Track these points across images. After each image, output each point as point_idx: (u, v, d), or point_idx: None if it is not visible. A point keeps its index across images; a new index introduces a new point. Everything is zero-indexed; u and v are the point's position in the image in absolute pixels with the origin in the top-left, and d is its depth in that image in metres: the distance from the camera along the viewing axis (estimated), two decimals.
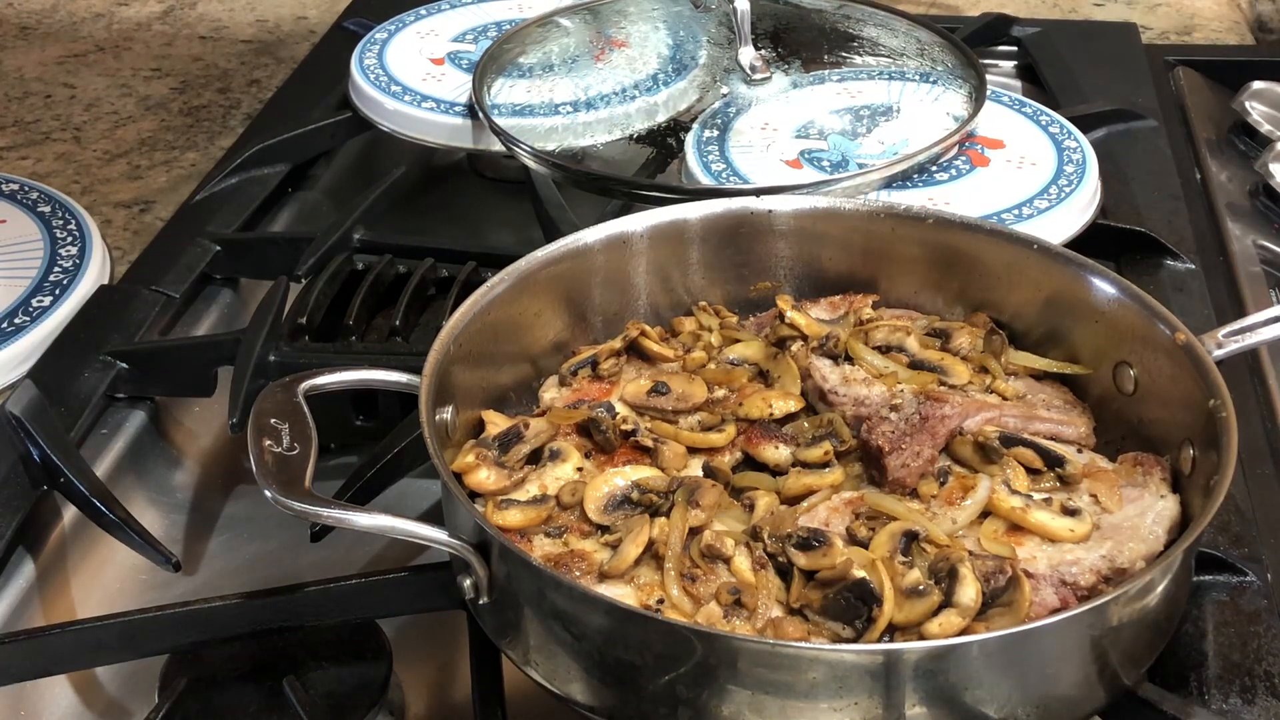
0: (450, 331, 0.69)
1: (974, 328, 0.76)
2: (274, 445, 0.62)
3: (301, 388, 0.66)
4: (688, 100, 1.05)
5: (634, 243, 0.78)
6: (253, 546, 0.80)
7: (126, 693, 0.71)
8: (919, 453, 0.66)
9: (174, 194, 1.14)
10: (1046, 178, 0.96)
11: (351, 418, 0.84)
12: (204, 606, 0.68)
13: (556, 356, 0.76)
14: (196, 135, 1.24)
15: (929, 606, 0.58)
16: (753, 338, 0.77)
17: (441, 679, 0.71)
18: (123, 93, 1.32)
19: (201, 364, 0.87)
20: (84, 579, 0.78)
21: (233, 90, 1.33)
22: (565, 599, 0.57)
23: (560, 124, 1.02)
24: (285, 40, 1.43)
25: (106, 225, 1.08)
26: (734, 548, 0.62)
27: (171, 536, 0.80)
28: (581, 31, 1.11)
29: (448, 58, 1.13)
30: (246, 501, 0.83)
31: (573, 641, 0.57)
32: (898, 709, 0.54)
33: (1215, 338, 0.69)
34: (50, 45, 1.42)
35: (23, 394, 0.82)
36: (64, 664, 0.69)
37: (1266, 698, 0.64)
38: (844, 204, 0.80)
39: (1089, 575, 0.61)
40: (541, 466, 0.67)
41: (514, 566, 0.59)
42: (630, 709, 0.58)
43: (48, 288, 0.94)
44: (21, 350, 0.88)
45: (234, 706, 0.66)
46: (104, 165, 1.19)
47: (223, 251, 0.98)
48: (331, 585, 0.68)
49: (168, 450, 0.87)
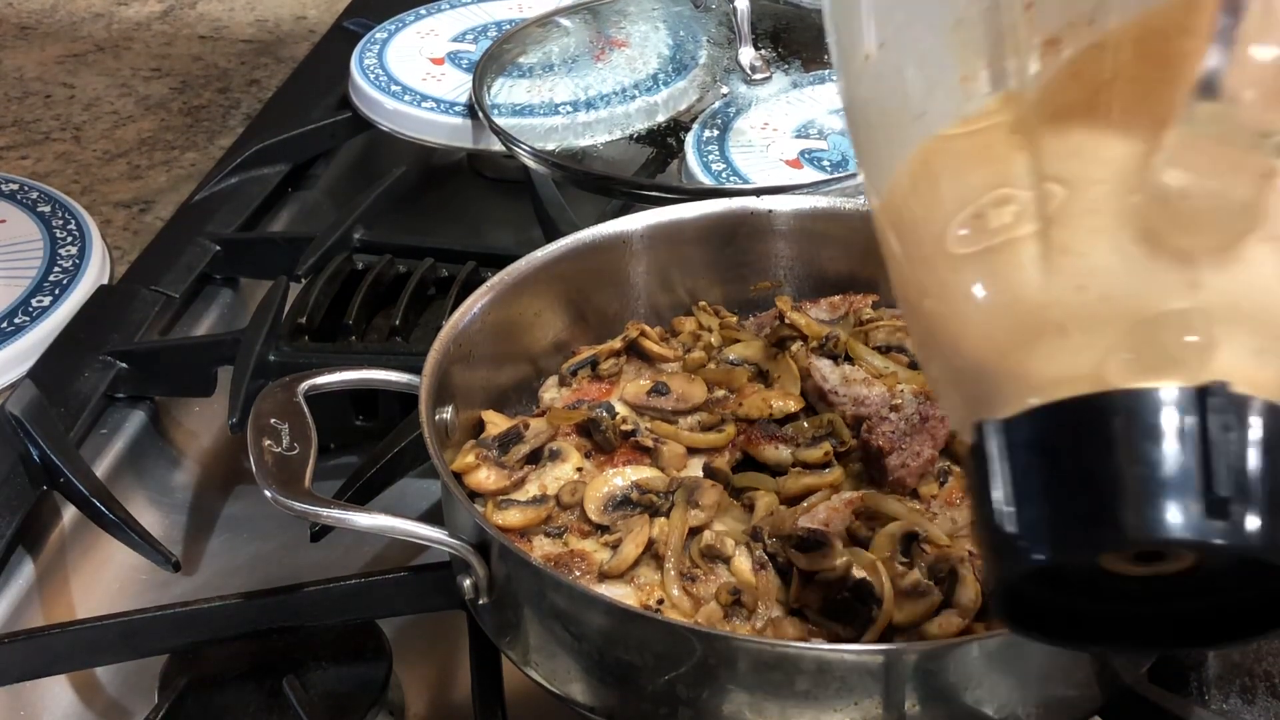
0: (450, 331, 0.69)
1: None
2: (274, 445, 0.62)
3: (301, 388, 0.66)
4: (688, 100, 1.05)
5: (634, 243, 0.78)
6: (252, 546, 0.80)
7: (126, 693, 0.71)
8: (919, 453, 0.66)
9: (174, 194, 1.14)
10: None
11: (351, 418, 0.84)
12: (204, 607, 0.68)
13: (556, 356, 0.76)
14: (196, 135, 1.24)
15: (929, 607, 0.58)
16: (753, 338, 0.77)
17: (441, 679, 0.71)
18: (122, 92, 1.32)
19: (201, 364, 0.87)
20: (83, 579, 0.78)
21: (232, 90, 1.33)
22: (565, 599, 0.57)
23: (560, 124, 1.02)
24: (285, 40, 1.43)
25: (106, 225, 1.08)
26: (734, 548, 0.62)
27: (171, 536, 0.80)
28: (581, 31, 1.11)
29: (448, 58, 1.13)
30: (246, 501, 0.83)
31: (573, 641, 0.57)
32: (898, 709, 0.54)
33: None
34: (50, 45, 1.42)
35: (22, 394, 0.82)
36: (63, 664, 0.69)
37: (1267, 698, 0.64)
38: (844, 204, 0.80)
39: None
40: (541, 467, 0.67)
41: (514, 566, 0.59)
42: (630, 709, 0.58)
43: (47, 287, 0.94)
44: (21, 350, 0.88)
45: (234, 706, 0.66)
46: (104, 165, 1.19)
47: (222, 251, 0.98)
48: (331, 585, 0.68)
49: (167, 450, 0.87)
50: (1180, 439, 0.37)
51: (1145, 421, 0.38)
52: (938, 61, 0.43)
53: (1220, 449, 0.37)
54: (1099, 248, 0.39)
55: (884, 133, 0.45)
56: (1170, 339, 0.38)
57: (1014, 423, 0.39)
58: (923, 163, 0.43)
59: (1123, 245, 0.39)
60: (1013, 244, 0.40)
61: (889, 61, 0.44)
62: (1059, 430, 0.39)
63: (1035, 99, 0.41)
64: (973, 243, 0.41)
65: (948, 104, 0.43)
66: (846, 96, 0.48)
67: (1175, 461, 0.37)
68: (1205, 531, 0.37)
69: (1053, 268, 0.39)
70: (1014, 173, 0.41)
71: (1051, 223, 0.40)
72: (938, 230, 0.42)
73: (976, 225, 0.41)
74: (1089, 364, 0.39)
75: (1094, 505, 0.38)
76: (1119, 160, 0.40)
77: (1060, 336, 0.39)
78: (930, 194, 0.43)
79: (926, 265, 0.43)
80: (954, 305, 0.42)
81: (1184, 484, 0.37)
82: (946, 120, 0.42)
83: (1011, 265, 0.40)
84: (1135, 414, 0.38)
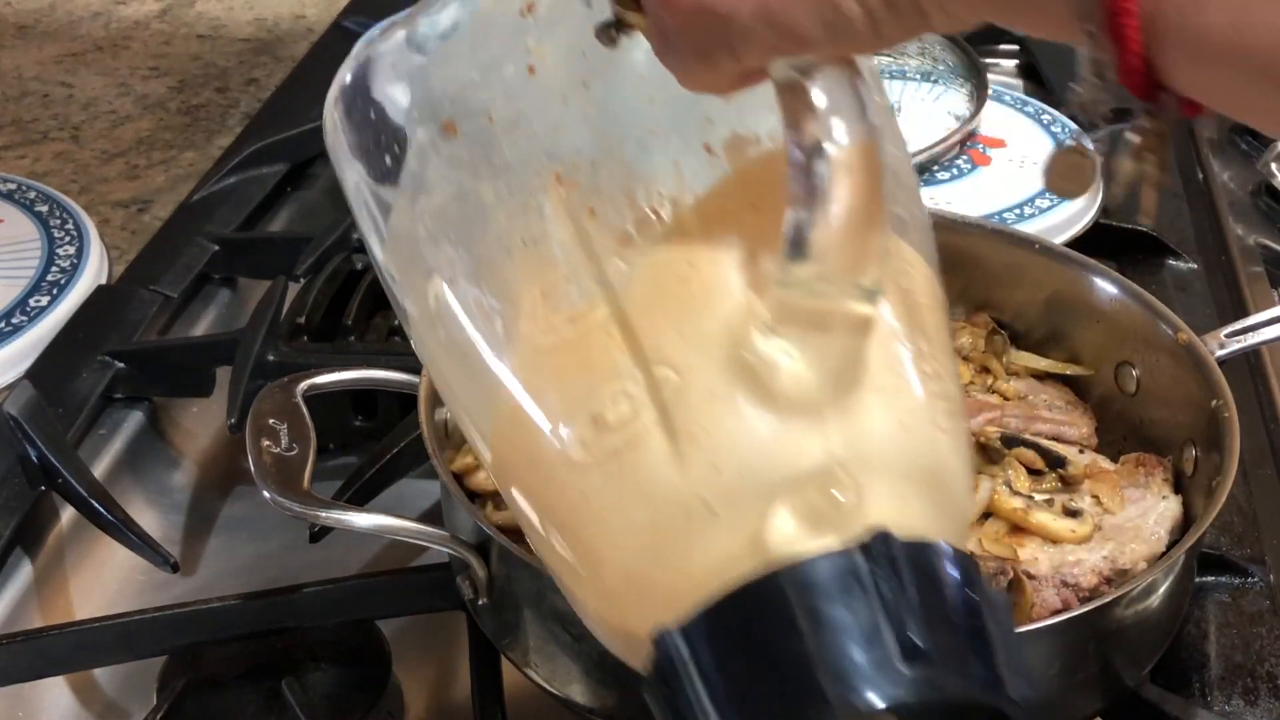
0: None
1: (975, 328, 0.76)
2: (273, 445, 0.61)
3: (300, 388, 0.66)
4: None
5: None
6: (251, 547, 0.79)
7: (125, 694, 0.71)
8: None
9: (172, 193, 1.14)
10: None
11: (351, 418, 0.83)
12: (202, 608, 0.67)
13: None
14: (195, 134, 1.24)
15: None
16: None
17: (441, 680, 0.71)
18: (120, 92, 1.32)
19: (200, 364, 0.87)
20: (82, 580, 0.77)
21: (231, 89, 1.33)
22: (565, 600, 0.57)
23: None
24: (284, 39, 1.43)
25: (104, 225, 1.08)
26: None
27: (170, 537, 0.80)
28: None
29: None
30: (245, 502, 0.83)
31: (572, 643, 0.57)
32: None
33: (1217, 338, 0.69)
34: (48, 44, 1.42)
35: (20, 394, 0.81)
36: (62, 665, 0.69)
37: (1269, 699, 0.64)
38: None
39: (1091, 576, 0.61)
40: None
41: (514, 567, 0.58)
42: (630, 710, 0.57)
43: (45, 287, 0.94)
44: (19, 350, 0.88)
45: (233, 707, 0.66)
46: (102, 165, 1.19)
47: (221, 251, 0.98)
48: (330, 586, 0.68)
49: (166, 451, 0.87)
50: (862, 599, 0.36)
51: (822, 590, 0.36)
52: (509, 287, 0.43)
53: (902, 602, 0.36)
54: (723, 423, 0.38)
55: (474, 371, 0.44)
56: (818, 497, 0.37)
57: (692, 625, 0.37)
58: (524, 383, 0.42)
59: (746, 416, 0.38)
60: (637, 438, 0.39)
61: (460, 297, 0.44)
62: (741, 617, 0.36)
63: (622, 293, 0.41)
64: (596, 446, 0.39)
65: (532, 322, 0.42)
66: (424, 353, 0.47)
67: (860, 626, 0.35)
68: (911, 692, 0.35)
69: (683, 454, 0.38)
70: (619, 366, 0.40)
71: (670, 409, 0.39)
72: (556, 443, 0.40)
73: (595, 426, 0.39)
74: (746, 539, 0.37)
75: (798, 693, 0.35)
76: (721, 333, 0.39)
77: (710, 521, 0.38)
78: (540, 410, 0.41)
79: (552, 488, 0.41)
80: (590, 518, 0.40)
81: (875, 646, 0.35)
82: (536, 337, 0.42)
83: (642, 460, 0.39)
84: (809, 584, 0.36)
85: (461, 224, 0.45)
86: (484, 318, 0.43)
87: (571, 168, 0.43)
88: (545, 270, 0.42)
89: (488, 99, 0.45)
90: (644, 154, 0.43)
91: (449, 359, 0.46)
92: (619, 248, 0.41)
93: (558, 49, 0.44)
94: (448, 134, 0.45)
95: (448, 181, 0.45)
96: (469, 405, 0.46)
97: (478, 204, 0.44)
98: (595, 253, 0.41)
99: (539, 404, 0.41)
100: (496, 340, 0.43)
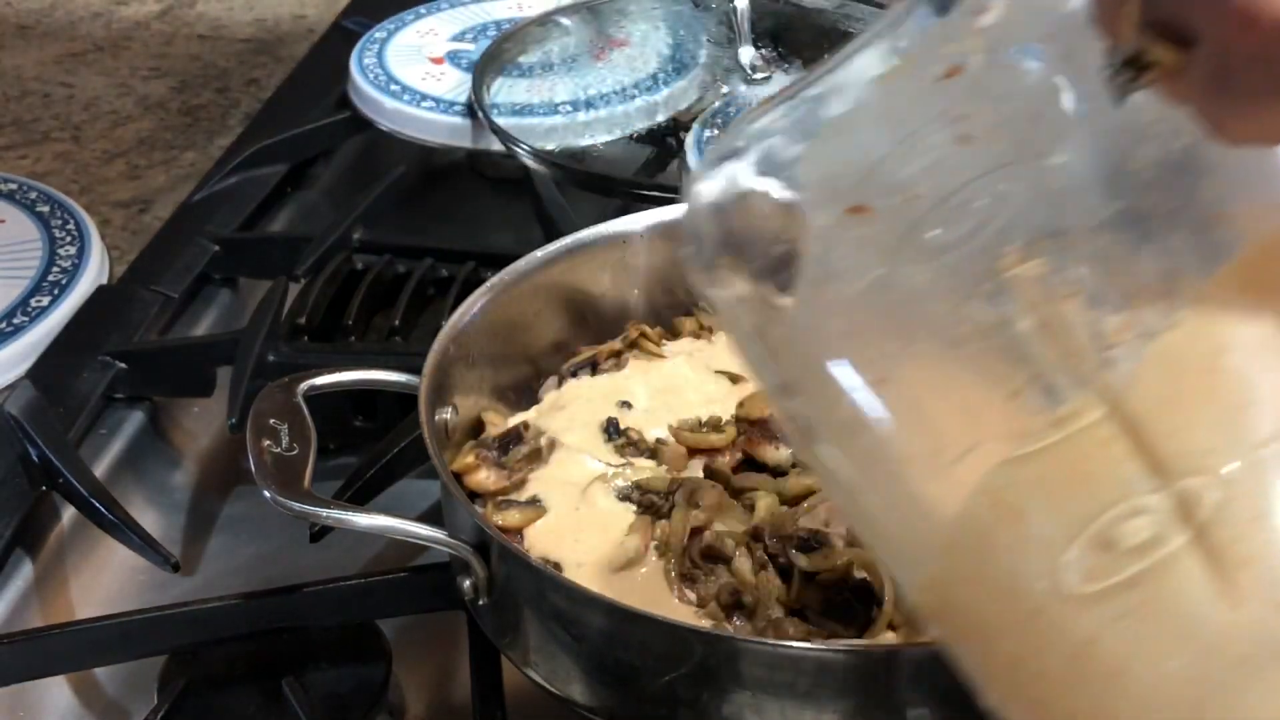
0: (450, 331, 0.69)
1: None
2: (273, 445, 0.61)
3: (300, 388, 0.66)
4: (688, 100, 1.05)
5: (634, 243, 0.77)
6: (252, 547, 0.79)
7: (125, 693, 0.71)
8: None
9: (173, 194, 1.14)
10: None
11: (351, 418, 0.83)
12: (203, 607, 0.68)
13: (556, 356, 0.76)
14: (195, 135, 1.24)
15: None
16: None
17: (441, 679, 0.71)
18: (121, 92, 1.32)
19: (200, 364, 0.87)
20: (83, 579, 0.77)
21: (231, 89, 1.33)
22: (565, 599, 0.57)
23: (560, 124, 1.02)
24: (284, 39, 1.43)
25: (105, 225, 1.08)
26: (735, 549, 0.62)
27: (170, 537, 0.80)
28: (581, 31, 1.11)
29: (447, 57, 1.13)
30: (246, 502, 0.83)
31: (572, 642, 0.57)
32: (898, 709, 0.54)
33: None
34: (48, 44, 1.42)
35: (21, 394, 0.82)
36: (62, 665, 0.69)
37: None
38: None
39: None
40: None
41: (513, 567, 0.59)
42: (630, 709, 0.57)
43: (46, 287, 0.94)
44: (20, 350, 0.88)
45: (233, 707, 0.66)
46: (102, 165, 1.19)
47: (221, 251, 0.98)
48: (331, 586, 0.68)
49: (167, 450, 0.87)
50: None
51: None
52: (956, 385, 0.37)
53: None
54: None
55: (907, 485, 0.38)
56: None
57: None
58: (991, 505, 0.35)
59: None
60: (1165, 566, 0.33)
61: (895, 404, 0.37)
62: None
63: (1122, 389, 0.34)
64: (1105, 574, 0.33)
65: (1000, 428, 0.36)
66: (828, 465, 0.39)
67: None
68: None
69: (1233, 585, 0.32)
70: (1128, 477, 0.33)
71: (1209, 529, 0.32)
72: (1041, 573, 0.34)
73: (1103, 551, 0.33)
74: None
75: None
76: (1273, 431, 0.33)
77: (1273, 668, 0.32)
78: (1015, 536, 0.35)
79: (1032, 622, 0.35)
80: (1094, 655, 0.34)
81: None
82: (1003, 447, 0.35)
83: (1174, 592, 0.33)
84: None
85: (887, 315, 0.38)
86: (924, 422, 0.37)
87: (1032, 245, 0.37)
88: (1007, 364, 0.36)
89: (907, 175, 0.38)
90: (1128, 226, 0.36)
91: (868, 473, 0.39)
92: (1113, 335, 0.35)
93: (998, 114, 0.38)
94: (860, 215, 0.39)
95: (864, 268, 0.39)
96: (889, 530, 0.39)
97: (908, 290, 0.38)
98: (1079, 341, 0.35)
99: (1012, 526, 0.35)
100: (941, 450, 0.37)
